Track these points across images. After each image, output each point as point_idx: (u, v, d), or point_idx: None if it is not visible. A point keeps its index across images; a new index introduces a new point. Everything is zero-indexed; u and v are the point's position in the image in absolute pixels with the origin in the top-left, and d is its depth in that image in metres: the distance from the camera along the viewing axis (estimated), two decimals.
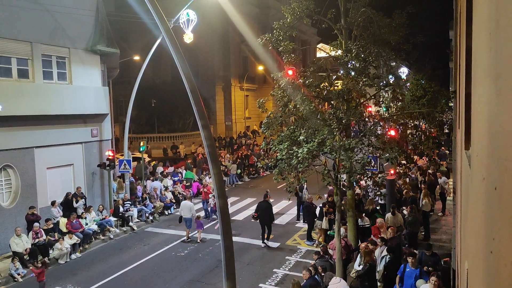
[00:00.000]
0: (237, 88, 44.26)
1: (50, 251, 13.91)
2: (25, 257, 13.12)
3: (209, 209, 18.57)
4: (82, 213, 15.87)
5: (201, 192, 19.99)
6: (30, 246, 13.36)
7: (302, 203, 17.39)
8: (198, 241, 15.43)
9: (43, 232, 14.02)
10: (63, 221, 15.14)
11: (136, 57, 29.79)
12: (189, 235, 15.71)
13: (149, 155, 30.20)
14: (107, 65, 19.21)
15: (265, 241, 14.84)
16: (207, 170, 23.72)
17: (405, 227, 13.79)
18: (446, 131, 28.13)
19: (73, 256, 14.21)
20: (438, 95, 18.55)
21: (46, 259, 13.49)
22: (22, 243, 13.23)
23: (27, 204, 14.81)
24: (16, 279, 12.35)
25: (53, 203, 15.61)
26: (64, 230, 14.89)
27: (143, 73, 19.20)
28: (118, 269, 13.19)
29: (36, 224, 13.91)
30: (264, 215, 14.81)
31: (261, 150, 30.79)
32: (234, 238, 6.73)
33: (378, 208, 15.05)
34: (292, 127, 10.68)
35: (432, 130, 14.45)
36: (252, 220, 16.15)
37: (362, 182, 13.95)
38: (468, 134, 3.34)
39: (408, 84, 21.87)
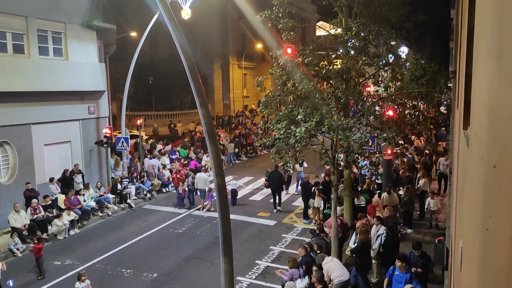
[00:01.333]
0: (236, 66, 43.87)
1: (49, 227, 14.04)
2: (24, 232, 13.26)
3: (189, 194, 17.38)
4: (80, 190, 15.95)
5: (173, 178, 18.88)
6: (29, 222, 13.48)
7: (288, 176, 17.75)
8: (206, 210, 16.47)
9: (41, 208, 14.12)
10: (61, 198, 15.23)
11: (133, 34, 29.37)
12: (208, 206, 16.53)
13: (156, 133, 30.29)
14: (103, 41, 18.95)
15: (278, 207, 16.35)
16: (200, 148, 24.00)
17: (400, 206, 13.95)
18: (444, 111, 28.10)
19: (72, 232, 14.35)
20: (438, 75, 18.40)
21: (44, 234, 13.63)
22: (21, 218, 13.33)
23: (25, 180, 14.85)
24: (15, 254, 12.51)
25: (51, 180, 15.67)
26: (63, 206, 14.98)
27: (140, 50, 18.98)
28: (116, 245, 13.35)
29: (34, 200, 13.99)
30: (275, 184, 15.95)
31: (259, 129, 30.76)
32: (231, 216, 6.80)
33: (371, 188, 15.11)
34: (290, 106, 10.64)
35: (430, 110, 14.44)
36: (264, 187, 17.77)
37: (360, 163, 13.97)
38: (467, 114, 3.34)
39: (407, 63, 21.71)
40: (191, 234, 14.25)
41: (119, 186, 17.30)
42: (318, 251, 9.84)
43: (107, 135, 17.84)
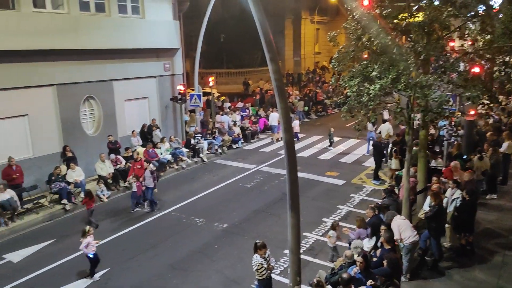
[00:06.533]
0: (308, 21, 42.46)
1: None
2: (108, 180, 14.49)
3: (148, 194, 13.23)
4: (157, 143, 16.93)
5: (130, 168, 14.23)
6: (113, 171, 14.67)
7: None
8: (276, 140, 20.66)
9: (121, 159, 15.28)
10: (140, 150, 16.29)
11: None
12: (278, 137, 20.16)
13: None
14: None
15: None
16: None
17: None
18: None
19: None
20: None
21: (126, 183, 14.77)
22: (106, 167, 14.55)
23: (108, 133, 16.09)
24: (102, 199, 13.76)
25: (133, 133, 16.80)
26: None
27: (212, 7, 18.97)
28: (189, 196, 14.14)
29: (112, 155, 15.15)
30: None
31: (330, 87, 29.98)
32: (299, 174, 6.81)
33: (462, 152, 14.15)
34: (364, 62, 10.12)
35: None
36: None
37: (439, 123, 13.04)
38: None
39: (500, 14, 19.45)
40: (259, 189, 14.62)
41: (192, 141, 18.08)
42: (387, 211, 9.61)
43: (181, 91, 18.48)
